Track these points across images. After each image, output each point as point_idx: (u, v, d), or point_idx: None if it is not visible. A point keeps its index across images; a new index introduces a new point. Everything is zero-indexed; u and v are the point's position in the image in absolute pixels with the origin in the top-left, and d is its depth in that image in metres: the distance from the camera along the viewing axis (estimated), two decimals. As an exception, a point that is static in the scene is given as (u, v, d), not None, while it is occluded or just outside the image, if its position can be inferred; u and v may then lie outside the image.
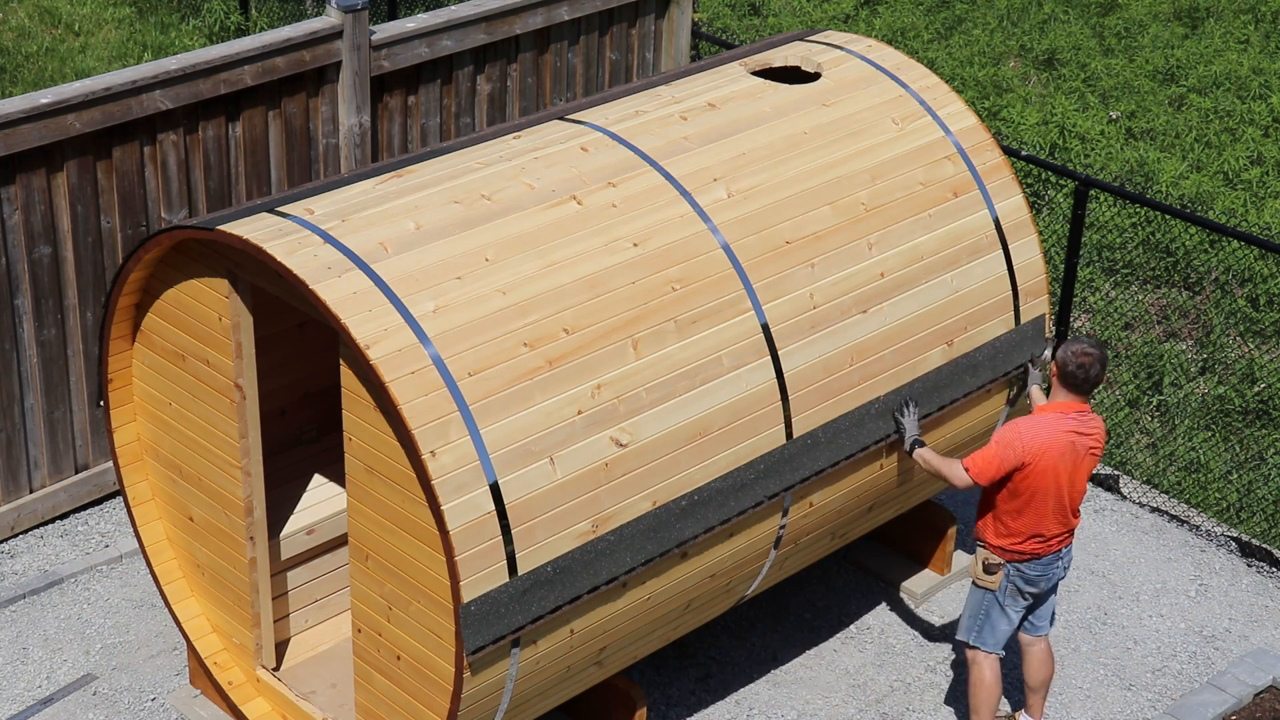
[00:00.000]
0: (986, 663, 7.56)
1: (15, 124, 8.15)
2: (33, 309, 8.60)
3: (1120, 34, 15.10)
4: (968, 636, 7.57)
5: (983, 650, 7.55)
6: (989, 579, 7.42)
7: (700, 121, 7.65)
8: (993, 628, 7.51)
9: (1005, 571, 7.38)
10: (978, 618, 7.52)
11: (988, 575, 7.42)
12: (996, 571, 7.39)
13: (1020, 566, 7.37)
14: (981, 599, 7.49)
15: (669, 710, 8.06)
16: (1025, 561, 7.36)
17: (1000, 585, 7.41)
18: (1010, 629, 7.52)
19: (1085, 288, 11.30)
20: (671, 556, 6.96)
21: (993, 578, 7.41)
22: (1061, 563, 7.45)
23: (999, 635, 7.52)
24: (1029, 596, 7.48)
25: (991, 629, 7.51)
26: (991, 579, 7.41)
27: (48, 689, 8.04)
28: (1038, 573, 7.40)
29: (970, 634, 7.56)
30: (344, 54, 9.30)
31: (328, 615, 8.02)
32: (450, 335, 6.41)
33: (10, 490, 8.85)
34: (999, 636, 7.52)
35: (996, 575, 7.40)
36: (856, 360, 7.44)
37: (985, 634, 7.52)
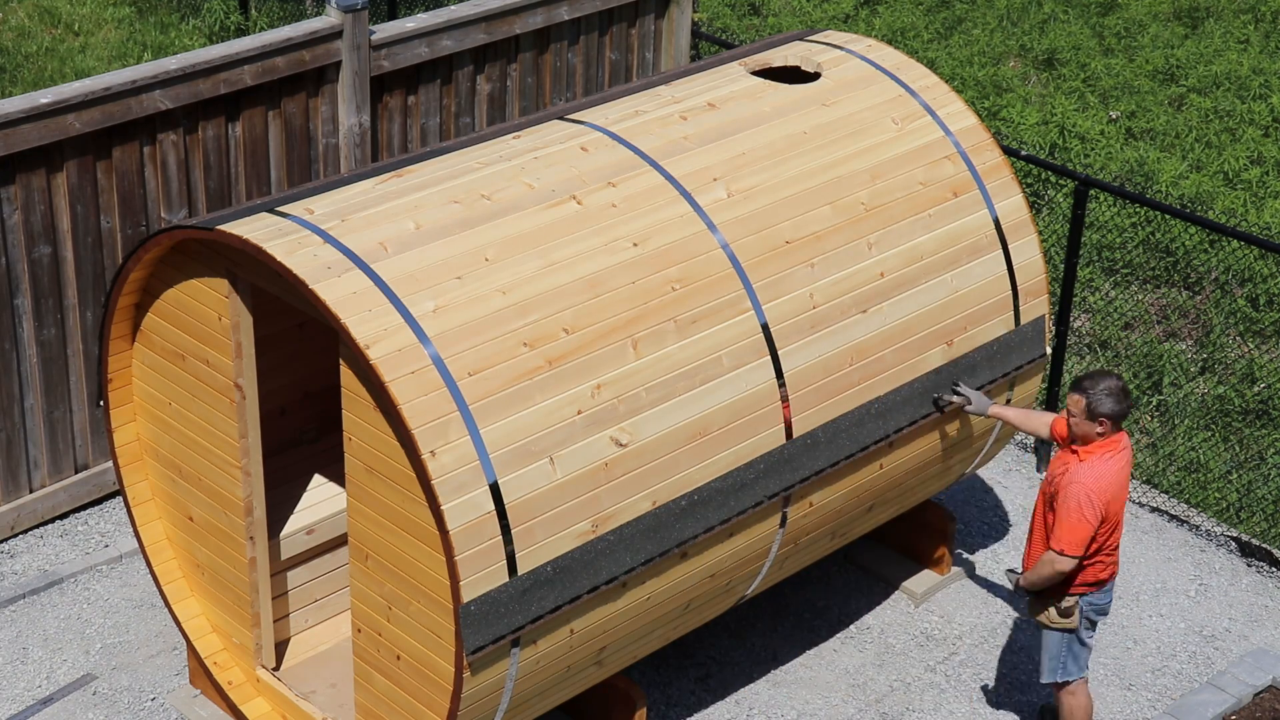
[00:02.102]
0: (1079, 688, 7.59)
1: (15, 124, 8.15)
2: (33, 309, 8.60)
3: (1120, 34, 15.10)
4: (1056, 677, 7.56)
5: (1070, 680, 7.56)
6: (1067, 621, 7.40)
7: (700, 121, 7.65)
8: (1075, 658, 7.53)
9: (1080, 607, 7.39)
10: (1060, 658, 7.52)
11: (1065, 618, 7.40)
12: (1073, 612, 7.39)
13: (1091, 598, 7.39)
14: (1061, 639, 7.48)
15: (669, 710, 8.06)
16: (1099, 589, 7.39)
17: (1078, 620, 7.42)
18: (1086, 657, 7.54)
19: (1085, 288, 11.30)
20: (671, 556, 6.96)
21: (1071, 620, 7.40)
22: (1112, 583, 7.49)
23: (1081, 662, 7.55)
24: (1094, 625, 7.51)
25: (1075, 660, 7.53)
26: (1070, 620, 7.40)
27: (48, 689, 8.04)
28: (1105, 598, 7.44)
29: (1058, 674, 7.55)
30: (344, 54, 9.30)
31: (328, 615, 8.02)
32: (450, 335, 6.41)
33: (10, 490, 8.85)
34: (1082, 663, 7.55)
35: (1074, 615, 7.40)
36: (856, 360, 7.44)
37: (1070, 668, 7.54)
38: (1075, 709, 7.62)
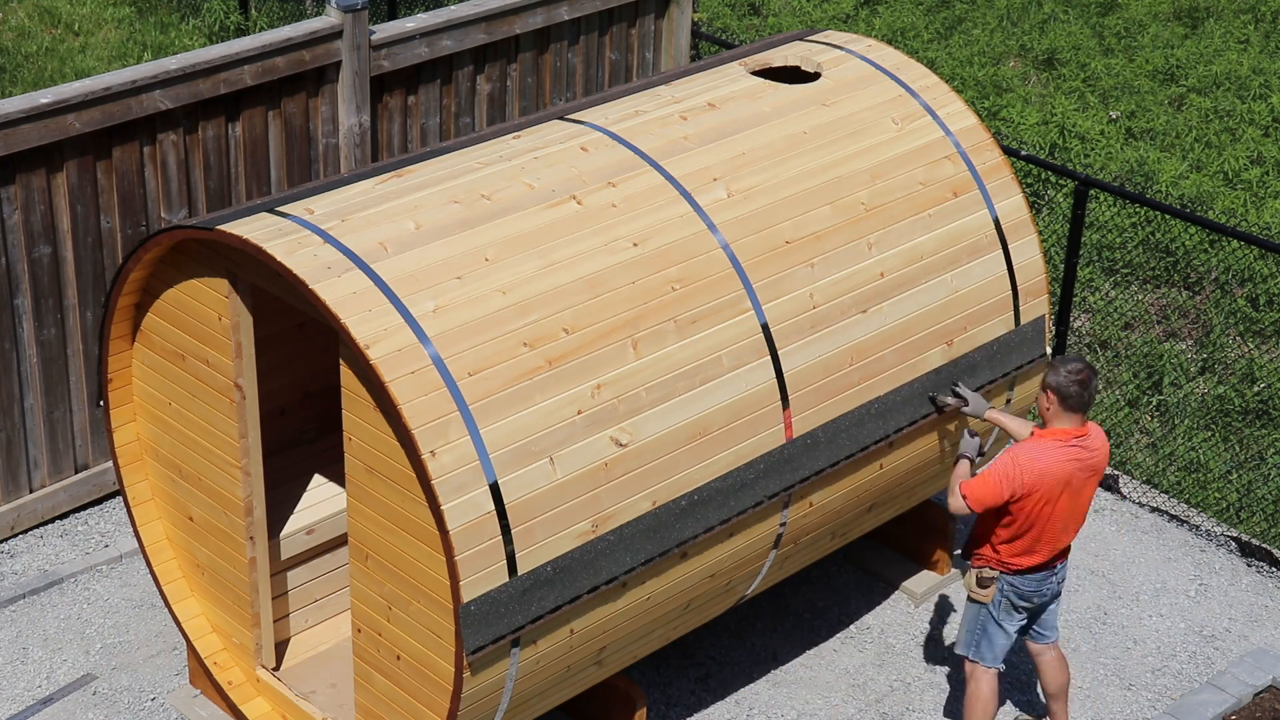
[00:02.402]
0: (985, 678, 7.52)
1: (15, 124, 8.15)
2: (33, 309, 8.60)
3: (1120, 34, 15.10)
4: (966, 651, 7.54)
5: (981, 665, 7.52)
6: (982, 593, 7.38)
7: (700, 121, 7.65)
8: (990, 642, 7.47)
9: (999, 585, 7.35)
10: (974, 632, 7.49)
11: (981, 589, 7.38)
12: (990, 585, 7.35)
13: (1013, 580, 7.33)
14: (977, 613, 7.46)
15: (669, 710, 8.06)
16: (1019, 574, 7.33)
17: (994, 599, 7.38)
18: (1008, 643, 7.48)
19: (1085, 288, 11.30)
20: (671, 556, 6.96)
21: (986, 591, 7.37)
22: (1056, 577, 7.42)
23: (997, 649, 7.48)
24: (1023, 610, 7.44)
25: (989, 643, 7.47)
26: (985, 593, 7.37)
27: (48, 689, 8.04)
28: (1032, 587, 7.37)
29: (969, 649, 7.53)
30: (344, 54, 9.30)
31: (328, 615, 8.02)
32: (450, 335, 6.41)
33: (10, 490, 8.85)
34: (997, 651, 7.48)
35: (990, 589, 7.36)
36: (856, 360, 7.44)
37: (983, 648, 7.49)
38: (973, 696, 7.53)
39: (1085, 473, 7.16)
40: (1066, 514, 7.19)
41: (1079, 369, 7.06)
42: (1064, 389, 7.05)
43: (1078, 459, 7.11)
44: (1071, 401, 7.07)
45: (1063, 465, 7.08)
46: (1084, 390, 7.06)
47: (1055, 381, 7.06)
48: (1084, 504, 7.24)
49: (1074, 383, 7.05)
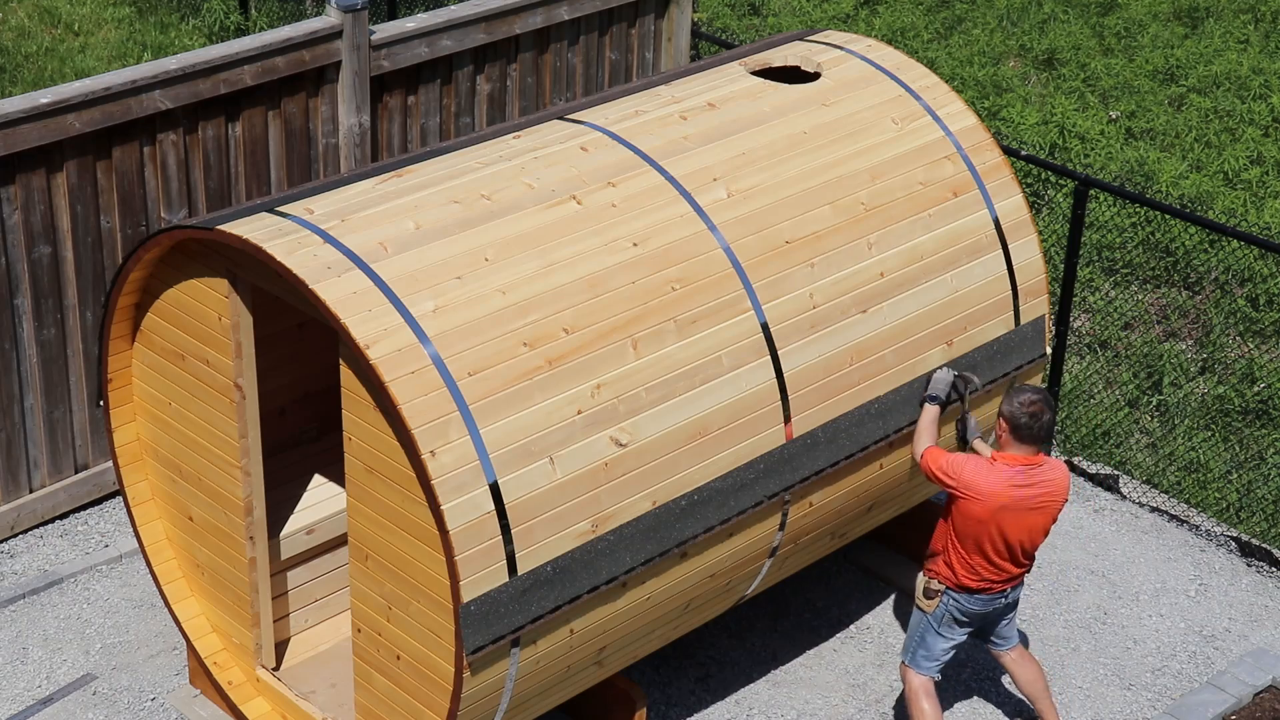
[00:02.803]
0: (918, 682, 7.53)
1: (15, 124, 8.15)
2: (32, 309, 8.60)
3: (1120, 34, 15.10)
4: (904, 656, 7.59)
5: (914, 670, 7.54)
6: (927, 603, 7.44)
7: (700, 121, 7.65)
8: (927, 650, 7.50)
9: (944, 598, 7.39)
10: (914, 639, 7.54)
11: (926, 599, 7.44)
12: (935, 597, 7.40)
13: (958, 597, 7.37)
14: (919, 620, 7.51)
15: (669, 710, 8.06)
16: (963, 593, 7.36)
17: (937, 610, 7.43)
18: (944, 654, 7.50)
19: (1085, 288, 11.30)
20: (671, 556, 6.96)
21: (930, 602, 7.43)
22: (1004, 599, 7.43)
23: (933, 656, 7.50)
24: (964, 627, 7.48)
25: (926, 651, 7.50)
26: (929, 603, 7.43)
27: (47, 689, 8.05)
28: (976, 607, 7.40)
29: (906, 654, 7.58)
30: (344, 54, 9.30)
31: (328, 615, 8.02)
32: (450, 335, 6.41)
33: (10, 490, 8.85)
34: (932, 658, 7.50)
35: (934, 600, 7.41)
36: (856, 360, 7.44)
37: (919, 656, 7.52)
38: (912, 703, 7.54)
39: (1031, 502, 7.13)
40: (1013, 541, 7.17)
41: (1030, 400, 7.09)
42: (1014, 418, 7.10)
43: (1022, 485, 7.10)
44: (1020, 433, 7.10)
45: (1003, 489, 7.09)
46: (1035, 422, 7.07)
47: (1009, 410, 7.12)
48: (1033, 535, 7.21)
49: (1025, 414, 7.08)
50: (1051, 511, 7.22)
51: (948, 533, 7.30)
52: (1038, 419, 7.08)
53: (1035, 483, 7.14)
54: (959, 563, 7.30)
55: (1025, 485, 7.12)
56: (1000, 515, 7.12)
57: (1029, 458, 7.15)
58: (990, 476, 7.12)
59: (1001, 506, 7.10)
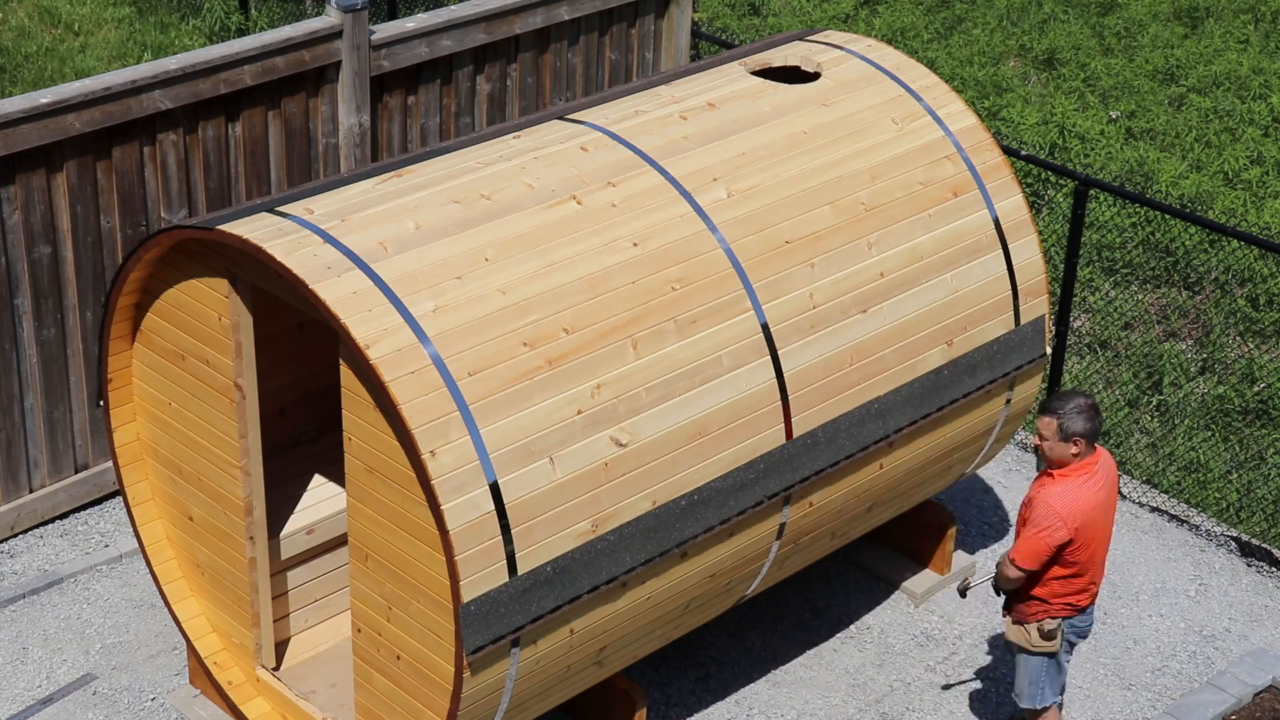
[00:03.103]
0: (1053, 715, 7.50)
1: (15, 124, 8.15)
2: (32, 309, 8.60)
3: (1120, 34, 15.10)
4: (1034, 703, 7.44)
5: (1045, 707, 7.46)
6: (1049, 644, 7.28)
7: (700, 121, 7.65)
8: (1052, 683, 7.43)
9: (1062, 629, 7.28)
10: (1040, 682, 7.41)
11: (1047, 640, 7.27)
12: (1055, 636, 7.26)
13: (1074, 621, 7.29)
14: (1042, 663, 7.35)
15: (669, 710, 8.06)
16: (1080, 613, 7.27)
17: (1059, 643, 7.31)
18: (1062, 680, 7.44)
19: (1085, 288, 11.30)
20: (671, 556, 6.96)
21: (1053, 642, 7.27)
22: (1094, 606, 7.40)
23: (1058, 687, 7.45)
24: (1077, 643, 7.43)
25: (1051, 684, 7.43)
26: (1053, 644, 7.28)
27: (48, 689, 8.04)
28: (1086, 621, 7.33)
29: (1035, 700, 7.44)
30: (344, 54, 9.30)
31: (328, 615, 8.02)
32: (450, 335, 6.41)
33: (10, 490, 8.85)
34: (1058, 687, 7.45)
35: (1056, 639, 7.27)
36: (856, 360, 7.44)
37: (1048, 691, 7.44)
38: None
39: (1107, 493, 7.14)
40: (1102, 535, 7.17)
41: (1082, 404, 7.00)
42: (1091, 432, 7.00)
43: (1104, 481, 7.11)
44: (1095, 439, 7.07)
45: (1096, 495, 7.06)
46: (1094, 422, 7.03)
47: (1084, 428, 6.97)
48: (1109, 519, 7.22)
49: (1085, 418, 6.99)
50: (1116, 490, 7.22)
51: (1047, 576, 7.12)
52: (1093, 417, 7.01)
53: (1103, 474, 7.13)
54: (1071, 589, 7.15)
55: (1101, 485, 7.10)
56: (1101, 520, 7.08)
57: (1092, 459, 7.09)
58: (1082, 494, 7.02)
59: (1099, 510, 7.07)
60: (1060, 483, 7.06)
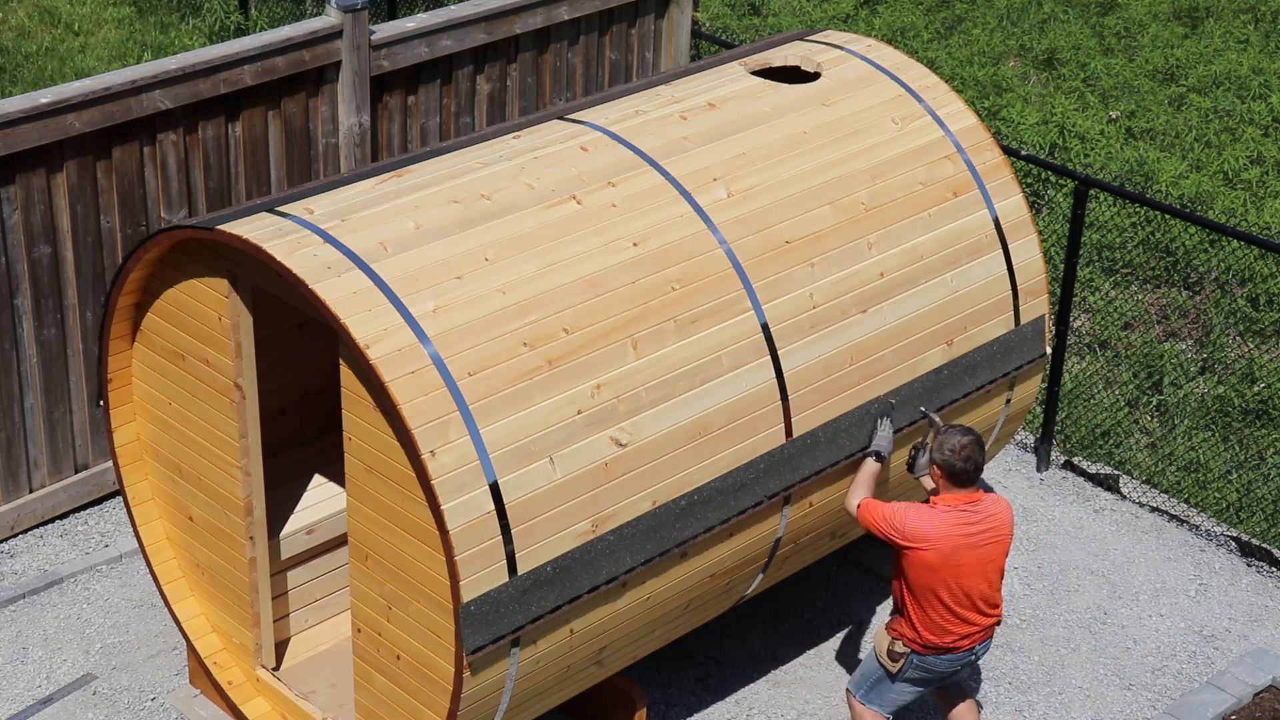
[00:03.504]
0: (864, 713, 7.37)
1: (15, 124, 8.15)
2: (32, 309, 8.60)
3: (1120, 34, 15.11)
4: (856, 692, 7.39)
5: (864, 706, 7.37)
6: (890, 664, 7.22)
7: (700, 121, 7.65)
8: (879, 696, 7.32)
9: (909, 660, 7.17)
10: (869, 679, 7.35)
11: (890, 661, 7.21)
12: (899, 660, 7.18)
13: (924, 660, 7.16)
14: (876, 666, 7.30)
15: (669, 710, 8.07)
16: (930, 653, 7.14)
17: (899, 671, 7.22)
18: (898, 703, 7.33)
19: (1085, 288, 11.30)
20: (671, 556, 6.96)
21: (894, 664, 7.21)
22: (972, 657, 7.21)
23: (885, 703, 7.33)
24: (929, 684, 7.30)
25: (878, 697, 7.33)
26: (893, 665, 7.21)
27: (47, 689, 8.05)
28: (944, 668, 7.19)
29: (859, 688, 7.38)
30: (344, 54, 9.30)
31: (328, 615, 8.02)
32: (450, 335, 6.41)
33: (10, 490, 8.85)
34: (885, 704, 7.33)
35: (899, 663, 7.19)
36: (856, 360, 7.44)
37: (872, 696, 7.34)
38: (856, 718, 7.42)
39: (981, 539, 6.98)
40: (970, 586, 7.00)
41: (960, 445, 6.96)
42: (949, 465, 6.97)
43: (966, 523, 6.97)
44: (958, 478, 6.98)
45: (949, 530, 6.94)
46: (971, 465, 6.96)
47: (941, 459, 6.97)
48: (988, 575, 7.04)
49: (960, 460, 6.96)
50: (1003, 546, 7.04)
51: (903, 592, 7.08)
52: (971, 460, 6.95)
53: (980, 519, 6.99)
54: (920, 620, 7.06)
55: (971, 524, 6.98)
56: (953, 559, 6.93)
57: (969, 495, 7.01)
58: (936, 520, 6.95)
59: (953, 549, 6.93)
60: (925, 506, 7.03)
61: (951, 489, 7.02)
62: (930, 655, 7.13)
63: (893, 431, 7.51)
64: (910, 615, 7.09)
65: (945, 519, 6.96)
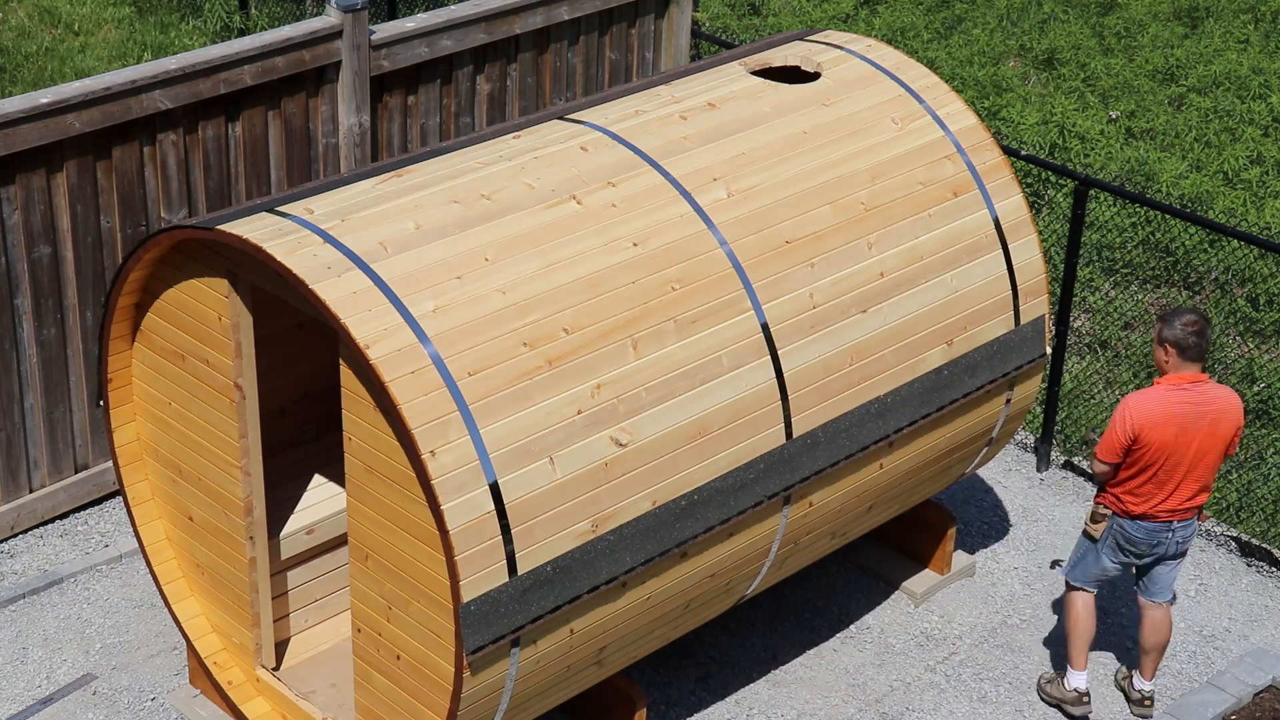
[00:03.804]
0: (1078, 597, 7.90)
1: (15, 124, 8.15)
2: (32, 309, 8.60)
3: (1120, 34, 15.10)
4: (1066, 571, 7.96)
5: (1073, 583, 7.90)
6: (1093, 527, 7.74)
7: (700, 121, 7.65)
8: (1085, 567, 7.85)
9: (1110, 524, 7.65)
10: (1076, 554, 7.89)
11: (1093, 524, 7.73)
12: (1101, 522, 7.68)
13: (1124, 524, 7.64)
14: (1082, 540, 7.84)
15: (669, 710, 8.06)
16: (1130, 519, 7.61)
17: (1102, 535, 7.70)
18: (1103, 574, 7.85)
19: (1085, 288, 11.30)
20: (671, 556, 6.96)
21: (1096, 526, 7.71)
22: (1172, 536, 7.66)
23: (1090, 574, 7.85)
24: (1129, 554, 7.74)
25: (1084, 568, 7.86)
26: (1095, 528, 7.73)
27: (47, 689, 8.05)
28: (1140, 535, 7.66)
29: (1069, 569, 7.94)
30: (344, 54, 9.30)
31: (328, 615, 8.02)
32: (450, 335, 6.41)
33: (10, 490, 8.85)
34: (1090, 575, 7.86)
35: (1100, 525, 7.69)
36: (856, 360, 7.44)
37: (1078, 570, 7.88)
38: (1069, 611, 7.94)
39: (1199, 420, 7.36)
40: (1182, 463, 7.42)
41: (1191, 320, 7.35)
42: (1181, 341, 7.36)
43: (1190, 402, 7.36)
44: (1189, 351, 7.36)
45: (1171, 408, 7.34)
46: (1198, 339, 7.35)
47: (1174, 335, 7.36)
48: (1205, 458, 7.45)
49: (1191, 333, 7.35)
50: (1224, 431, 7.42)
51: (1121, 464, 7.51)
52: (1200, 335, 7.34)
53: (1205, 399, 7.38)
54: (1126, 490, 7.54)
55: (1192, 402, 7.36)
56: (1172, 436, 7.37)
57: (1194, 376, 7.39)
58: (1157, 400, 7.35)
59: (1174, 425, 7.34)
60: (1148, 388, 7.43)
61: (1180, 365, 7.39)
62: (1128, 521, 7.62)
63: None
64: (1117, 482, 7.57)
65: (1168, 396, 7.35)
